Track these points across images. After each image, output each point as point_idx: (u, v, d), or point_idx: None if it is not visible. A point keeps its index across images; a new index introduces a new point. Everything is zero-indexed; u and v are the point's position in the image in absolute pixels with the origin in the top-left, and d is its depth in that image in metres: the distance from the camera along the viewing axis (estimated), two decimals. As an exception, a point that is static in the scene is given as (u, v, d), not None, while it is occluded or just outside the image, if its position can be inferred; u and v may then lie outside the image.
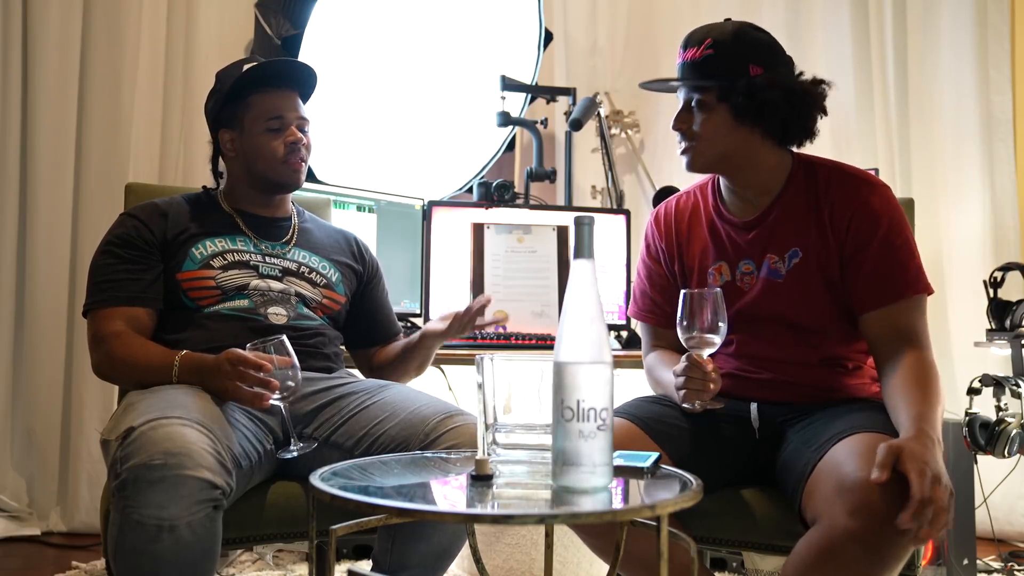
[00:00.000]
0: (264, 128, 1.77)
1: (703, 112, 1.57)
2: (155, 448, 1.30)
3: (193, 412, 1.40)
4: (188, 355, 1.57)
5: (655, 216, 1.79)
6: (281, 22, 3.02)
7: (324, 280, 1.82)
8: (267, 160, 1.77)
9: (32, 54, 2.98)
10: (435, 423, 1.57)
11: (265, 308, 1.71)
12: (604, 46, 3.70)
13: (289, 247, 1.82)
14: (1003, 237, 3.19)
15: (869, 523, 1.26)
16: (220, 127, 1.81)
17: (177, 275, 1.69)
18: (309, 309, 1.77)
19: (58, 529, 2.92)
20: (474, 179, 3.25)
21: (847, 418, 1.47)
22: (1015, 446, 2.18)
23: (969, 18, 3.26)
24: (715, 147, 1.58)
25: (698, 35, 1.57)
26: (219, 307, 1.68)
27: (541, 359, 1.17)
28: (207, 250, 1.72)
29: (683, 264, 1.72)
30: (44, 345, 2.96)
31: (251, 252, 1.76)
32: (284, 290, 1.74)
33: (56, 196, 2.98)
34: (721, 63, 1.54)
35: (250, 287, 1.71)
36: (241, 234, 1.79)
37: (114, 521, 1.32)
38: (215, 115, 1.81)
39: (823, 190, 1.59)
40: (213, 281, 1.69)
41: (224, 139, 1.81)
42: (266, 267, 1.75)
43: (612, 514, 1.09)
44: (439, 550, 1.60)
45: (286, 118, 1.78)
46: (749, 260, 1.63)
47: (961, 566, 2.43)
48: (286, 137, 1.77)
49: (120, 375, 1.66)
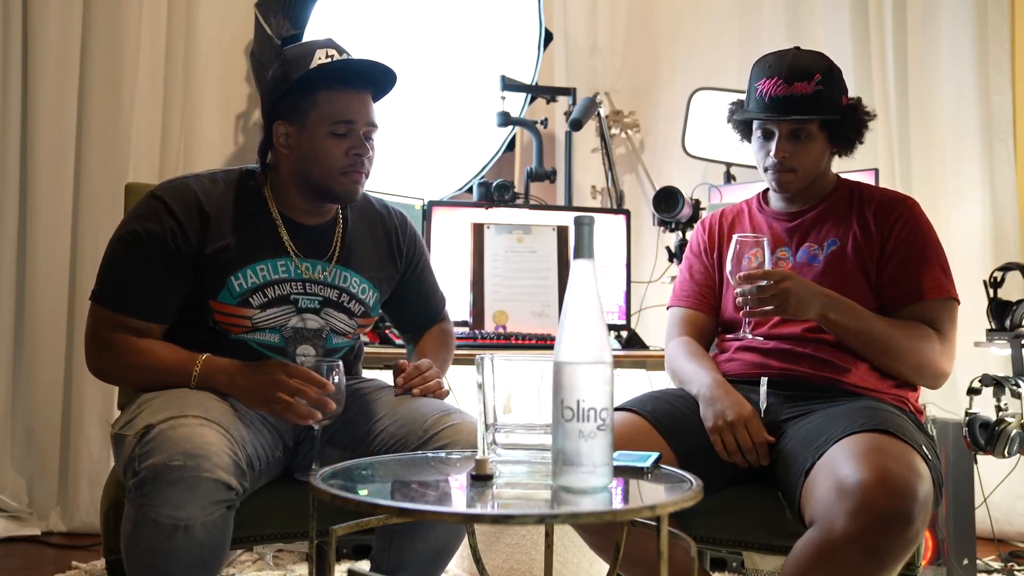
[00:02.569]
0: (329, 131, 1.56)
1: (806, 141, 1.68)
2: (175, 448, 1.30)
3: (211, 412, 1.40)
4: (211, 359, 1.51)
5: (702, 219, 1.92)
6: (281, 22, 3.02)
7: (362, 309, 1.70)
8: (325, 167, 1.57)
9: (32, 54, 2.97)
10: (432, 421, 1.57)
11: (294, 346, 1.62)
12: (604, 46, 3.70)
13: (331, 265, 1.66)
14: (1003, 237, 3.19)
15: (868, 525, 1.26)
16: (277, 118, 1.60)
17: (211, 302, 1.55)
18: (341, 338, 1.69)
19: (58, 529, 2.91)
20: (474, 179, 3.25)
21: (848, 417, 1.48)
22: (1015, 446, 2.18)
23: (969, 18, 3.26)
24: (813, 171, 1.72)
25: (802, 68, 1.66)
26: (248, 336, 1.59)
27: (541, 359, 1.17)
28: (247, 282, 1.57)
29: (722, 253, 1.81)
30: (44, 345, 2.96)
31: (292, 280, 1.61)
32: (319, 329, 1.64)
33: (56, 196, 2.98)
34: (830, 96, 1.67)
35: (287, 326, 1.61)
36: (284, 253, 1.61)
37: (129, 516, 1.32)
38: (273, 103, 1.60)
39: (867, 197, 1.73)
40: (249, 321, 1.58)
41: (279, 132, 1.60)
42: (306, 300, 1.62)
43: (612, 514, 1.09)
44: (437, 549, 1.60)
45: (356, 123, 1.58)
46: (786, 248, 1.74)
47: (961, 566, 2.43)
48: (351, 145, 1.58)
49: (121, 377, 1.60)
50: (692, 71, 3.54)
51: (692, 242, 1.91)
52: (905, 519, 1.27)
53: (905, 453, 1.37)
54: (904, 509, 1.26)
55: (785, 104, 1.66)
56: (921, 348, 1.60)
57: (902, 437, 1.41)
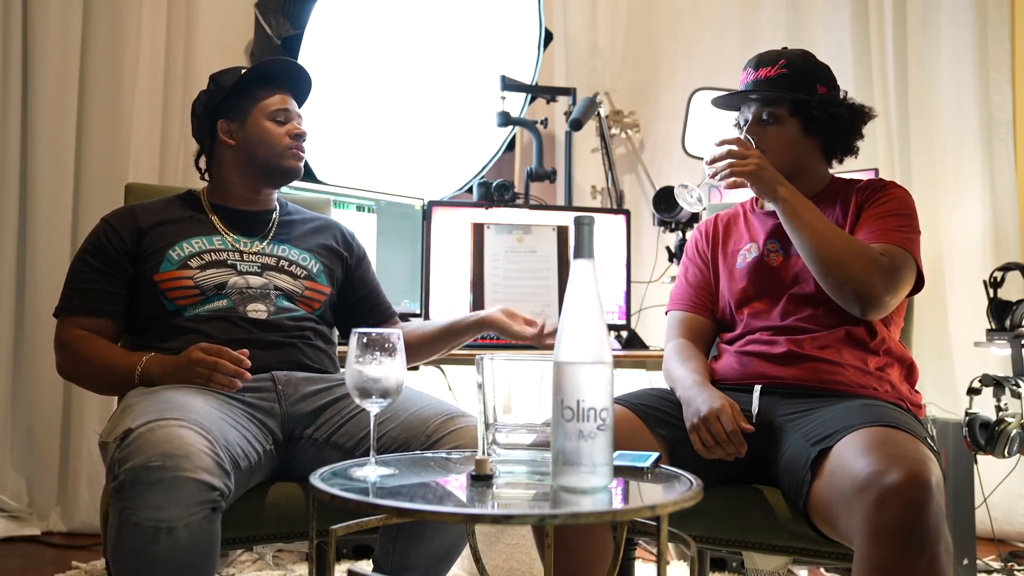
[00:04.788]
0: (270, 116, 1.81)
1: (775, 125, 1.72)
2: (153, 450, 1.30)
3: (191, 413, 1.40)
4: (153, 358, 1.61)
5: (699, 224, 1.96)
6: (281, 22, 3.03)
7: (305, 272, 1.80)
8: (271, 146, 1.80)
9: (32, 54, 2.98)
10: (436, 425, 1.57)
11: (244, 305, 1.70)
12: (604, 46, 3.70)
13: (266, 241, 1.81)
14: (1003, 237, 3.19)
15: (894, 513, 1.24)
16: (219, 118, 1.82)
17: (154, 276, 1.69)
18: (291, 302, 1.76)
19: (58, 529, 2.92)
20: (474, 179, 3.25)
21: (849, 413, 1.48)
22: (1015, 446, 2.18)
23: (969, 18, 3.26)
24: (783, 157, 1.72)
25: (770, 56, 1.76)
26: (199, 310, 1.68)
27: (541, 359, 1.17)
28: (184, 251, 1.72)
29: (716, 254, 1.84)
30: (44, 345, 2.95)
31: (228, 251, 1.76)
32: (264, 285, 1.74)
33: (56, 196, 2.98)
34: (795, 80, 1.72)
35: (228, 285, 1.71)
36: (217, 233, 1.78)
37: (112, 523, 1.32)
38: (212, 108, 1.83)
39: (855, 187, 1.75)
40: (191, 281, 1.69)
41: (223, 128, 1.82)
42: (244, 264, 1.75)
43: (612, 514, 1.08)
44: (440, 552, 1.59)
45: (290, 111, 1.83)
46: (775, 240, 1.75)
47: (961, 566, 2.43)
48: (289, 129, 1.82)
49: (82, 374, 1.70)
50: (692, 71, 3.55)
51: (688, 246, 1.92)
52: (923, 505, 1.25)
53: (911, 442, 1.37)
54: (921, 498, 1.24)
55: (753, 88, 1.74)
56: (865, 264, 1.56)
57: (906, 430, 1.41)
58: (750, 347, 1.70)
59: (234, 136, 1.82)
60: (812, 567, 2.46)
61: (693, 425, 1.55)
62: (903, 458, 1.29)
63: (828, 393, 1.60)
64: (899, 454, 1.30)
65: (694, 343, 1.80)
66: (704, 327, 1.83)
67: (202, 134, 1.86)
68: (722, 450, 1.52)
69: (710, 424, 1.52)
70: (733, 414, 1.52)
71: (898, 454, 1.30)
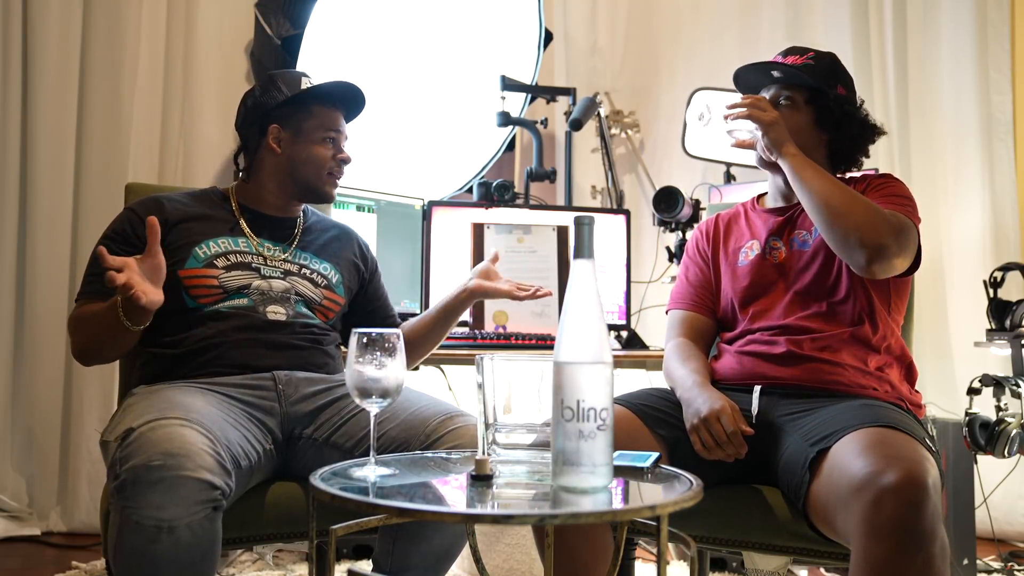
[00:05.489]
0: (322, 137, 1.81)
1: (790, 108, 1.74)
2: (154, 449, 1.30)
3: (192, 413, 1.40)
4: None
5: (699, 224, 1.96)
6: (281, 22, 3.03)
7: (325, 281, 1.82)
8: (315, 167, 1.81)
9: (32, 54, 2.98)
10: (435, 424, 1.57)
11: (264, 306, 1.71)
12: (604, 46, 3.70)
13: (291, 249, 1.82)
14: (1003, 237, 3.19)
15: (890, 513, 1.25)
16: (272, 122, 1.80)
17: (179, 272, 1.67)
18: (309, 309, 1.77)
19: (58, 529, 2.92)
20: (474, 179, 3.25)
21: (848, 414, 1.48)
22: (1015, 446, 2.18)
23: (969, 18, 3.26)
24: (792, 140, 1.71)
25: (800, 48, 1.80)
26: (219, 306, 1.68)
27: (541, 359, 1.17)
28: (210, 250, 1.71)
29: (717, 253, 1.85)
30: (44, 345, 2.96)
31: (252, 254, 1.76)
32: (286, 289, 1.75)
33: (56, 196, 2.98)
34: (818, 73, 1.75)
35: (252, 287, 1.71)
36: (243, 236, 1.78)
37: (113, 522, 1.32)
38: (268, 109, 1.80)
39: (855, 184, 1.74)
40: (216, 280, 1.69)
41: (272, 134, 1.80)
42: (268, 269, 1.76)
43: (612, 514, 1.08)
44: (440, 551, 1.60)
45: (340, 134, 1.85)
46: (777, 238, 1.76)
47: (961, 566, 2.43)
48: (337, 151, 1.83)
49: (87, 341, 1.62)
50: (692, 71, 3.54)
51: (689, 246, 1.93)
52: (919, 505, 1.25)
53: (908, 442, 1.37)
54: (917, 499, 1.25)
55: (776, 69, 1.76)
56: (871, 213, 1.55)
57: (904, 430, 1.41)
58: (750, 347, 1.71)
59: (282, 145, 1.81)
60: (812, 567, 2.46)
61: (693, 426, 1.55)
62: (900, 459, 1.29)
63: (827, 393, 1.60)
64: (896, 455, 1.30)
65: (695, 342, 1.80)
66: (705, 326, 1.84)
67: (250, 131, 1.83)
68: (722, 451, 1.52)
69: (710, 425, 1.52)
70: (733, 415, 1.52)
71: (895, 455, 1.30)
